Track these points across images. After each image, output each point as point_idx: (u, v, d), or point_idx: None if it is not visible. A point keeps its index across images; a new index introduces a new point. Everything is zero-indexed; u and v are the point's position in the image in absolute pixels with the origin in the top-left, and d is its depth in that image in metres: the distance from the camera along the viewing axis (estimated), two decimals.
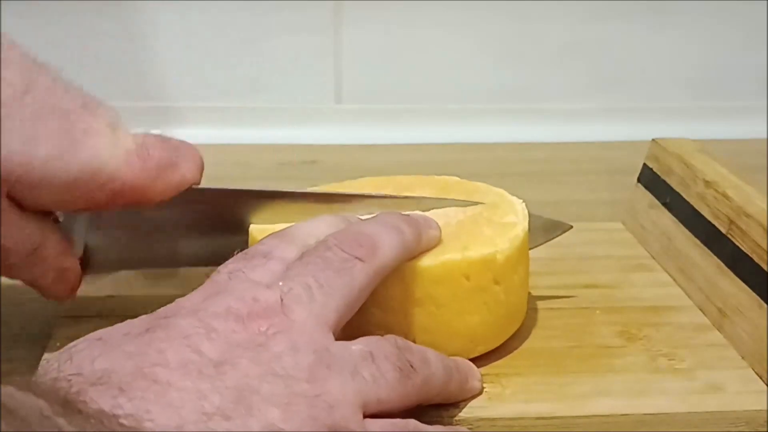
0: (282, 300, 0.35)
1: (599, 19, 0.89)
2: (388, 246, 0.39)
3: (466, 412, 0.40)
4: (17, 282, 0.43)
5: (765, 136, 0.88)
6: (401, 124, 0.90)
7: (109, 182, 0.40)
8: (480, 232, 0.44)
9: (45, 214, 0.42)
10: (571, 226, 0.51)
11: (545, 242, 0.51)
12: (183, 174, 0.42)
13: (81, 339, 0.34)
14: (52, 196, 0.39)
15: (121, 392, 0.30)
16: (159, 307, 0.35)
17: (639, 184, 0.60)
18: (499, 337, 0.45)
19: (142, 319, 0.34)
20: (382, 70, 0.89)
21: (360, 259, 0.38)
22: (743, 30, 0.91)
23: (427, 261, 0.41)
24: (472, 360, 0.43)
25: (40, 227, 0.41)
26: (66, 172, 0.38)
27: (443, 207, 0.46)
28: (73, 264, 0.44)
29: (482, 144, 0.88)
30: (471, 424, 0.40)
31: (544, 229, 0.50)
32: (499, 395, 0.41)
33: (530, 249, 0.48)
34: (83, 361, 0.32)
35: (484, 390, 0.41)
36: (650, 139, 0.61)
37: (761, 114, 0.91)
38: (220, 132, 0.88)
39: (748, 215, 0.48)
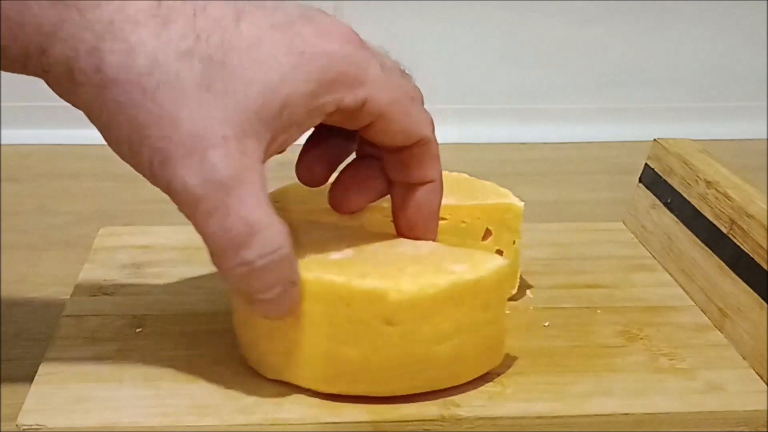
0: None
1: (599, 20, 0.90)
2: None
3: (467, 412, 0.40)
4: (17, 282, 0.43)
5: (765, 136, 0.88)
6: None
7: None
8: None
9: None
10: None
11: None
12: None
13: None
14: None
15: None
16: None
17: (640, 184, 0.60)
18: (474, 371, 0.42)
19: None
20: None
21: None
22: (743, 30, 0.91)
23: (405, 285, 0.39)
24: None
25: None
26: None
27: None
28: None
29: (482, 144, 0.88)
30: (471, 424, 0.39)
31: None
32: (499, 394, 0.41)
33: None
34: None
35: (485, 389, 0.41)
36: (651, 139, 0.61)
37: (761, 114, 0.91)
38: None
39: (749, 215, 0.48)
